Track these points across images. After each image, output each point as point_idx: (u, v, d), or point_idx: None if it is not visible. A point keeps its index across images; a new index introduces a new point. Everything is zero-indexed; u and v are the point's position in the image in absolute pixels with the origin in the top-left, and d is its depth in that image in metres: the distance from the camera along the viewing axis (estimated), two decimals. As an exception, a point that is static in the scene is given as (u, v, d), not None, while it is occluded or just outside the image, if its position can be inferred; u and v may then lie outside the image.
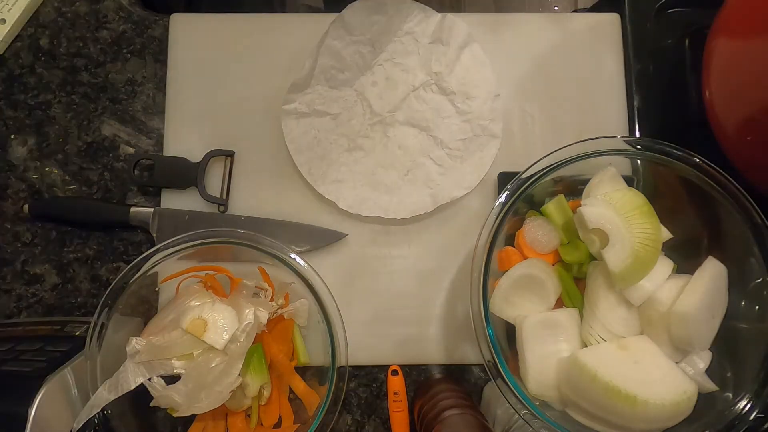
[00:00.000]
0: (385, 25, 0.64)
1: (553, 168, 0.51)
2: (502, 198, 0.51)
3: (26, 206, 0.61)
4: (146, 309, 0.59)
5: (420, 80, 0.64)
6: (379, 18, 0.64)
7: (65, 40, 0.67)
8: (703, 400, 0.47)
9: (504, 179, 0.63)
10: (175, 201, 0.63)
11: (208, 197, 0.62)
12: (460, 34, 0.64)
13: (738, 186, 0.49)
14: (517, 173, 0.51)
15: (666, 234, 0.51)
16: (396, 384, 0.60)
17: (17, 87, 0.66)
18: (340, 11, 0.64)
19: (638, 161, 0.54)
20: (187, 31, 0.66)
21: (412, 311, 0.62)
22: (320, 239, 0.62)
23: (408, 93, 0.64)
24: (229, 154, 0.63)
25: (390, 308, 0.62)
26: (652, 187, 0.53)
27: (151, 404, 0.51)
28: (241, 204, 0.63)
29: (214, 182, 0.63)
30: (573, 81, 0.66)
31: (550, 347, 0.50)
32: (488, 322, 0.49)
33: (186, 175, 0.63)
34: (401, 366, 0.62)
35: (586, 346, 0.50)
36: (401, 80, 0.64)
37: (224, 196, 0.63)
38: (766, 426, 0.51)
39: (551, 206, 0.53)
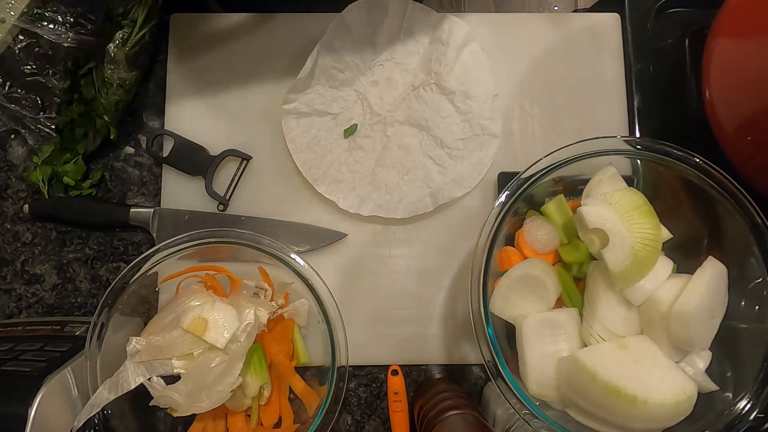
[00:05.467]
0: (386, 25, 0.64)
1: (553, 168, 0.51)
2: (502, 198, 0.51)
3: (26, 206, 0.61)
4: (146, 309, 0.59)
5: (420, 80, 0.64)
6: (379, 18, 0.64)
7: (65, 40, 0.66)
8: (703, 400, 0.48)
9: (504, 179, 0.63)
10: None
11: (212, 193, 0.62)
12: (459, 34, 0.64)
13: (738, 186, 0.49)
14: (517, 173, 0.51)
15: (666, 234, 0.51)
16: (396, 384, 0.60)
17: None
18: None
19: (638, 161, 0.54)
20: (187, 31, 0.66)
21: (412, 311, 0.62)
22: (320, 239, 0.62)
23: (408, 93, 0.64)
24: (247, 158, 0.63)
25: (390, 308, 0.62)
26: (652, 187, 0.53)
27: (151, 404, 0.51)
28: (241, 202, 0.64)
29: (218, 180, 0.63)
30: (573, 81, 0.66)
31: (550, 347, 0.50)
32: (488, 322, 0.49)
33: (198, 163, 0.63)
34: (401, 366, 0.62)
35: (586, 346, 0.50)
36: (401, 80, 0.64)
37: (228, 196, 0.63)
38: (766, 426, 0.51)
39: (551, 206, 0.53)
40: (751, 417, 0.46)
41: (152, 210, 0.62)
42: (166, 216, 0.62)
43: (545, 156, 0.51)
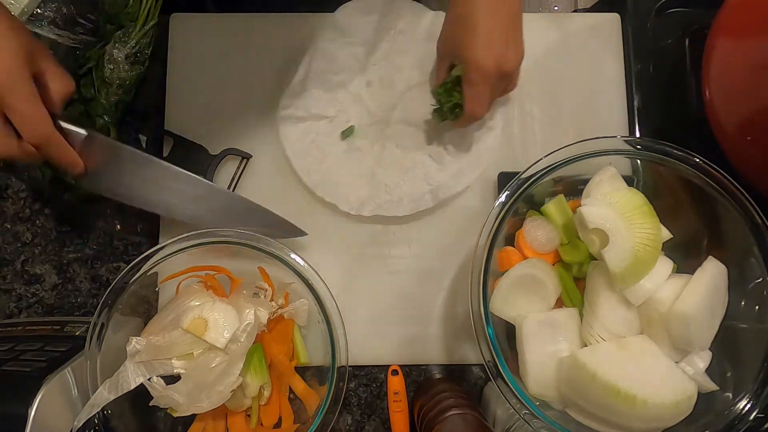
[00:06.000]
0: (378, 25, 0.64)
1: (553, 168, 0.51)
2: (502, 198, 0.51)
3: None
4: (146, 309, 0.59)
5: (415, 79, 0.64)
6: (371, 18, 0.64)
7: (65, 40, 0.66)
8: (703, 400, 0.48)
9: (504, 179, 0.63)
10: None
11: None
12: (457, 32, 0.64)
13: (738, 186, 0.49)
14: (517, 173, 0.51)
15: (666, 234, 0.51)
16: (396, 384, 0.60)
17: (17, 87, 0.65)
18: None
19: (638, 161, 0.54)
20: (187, 31, 0.66)
21: (412, 311, 0.62)
22: (279, 230, 0.59)
23: (404, 92, 0.64)
24: (247, 157, 0.63)
25: (390, 308, 0.62)
26: (652, 187, 0.53)
27: (151, 404, 0.51)
28: (241, 204, 0.63)
29: (218, 180, 0.63)
30: (573, 81, 0.66)
31: (550, 347, 0.50)
32: (488, 322, 0.49)
33: (198, 163, 0.63)
34: (401, 366, 0.62)
35: (586, 346, 0.50)
36: (396, 79, 0.64)
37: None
38: (766, 426, 0.51)
39: (551, 206, 0.53)
40: (751, 417, 0.46)
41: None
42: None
43: (545, 156, 0.51)
